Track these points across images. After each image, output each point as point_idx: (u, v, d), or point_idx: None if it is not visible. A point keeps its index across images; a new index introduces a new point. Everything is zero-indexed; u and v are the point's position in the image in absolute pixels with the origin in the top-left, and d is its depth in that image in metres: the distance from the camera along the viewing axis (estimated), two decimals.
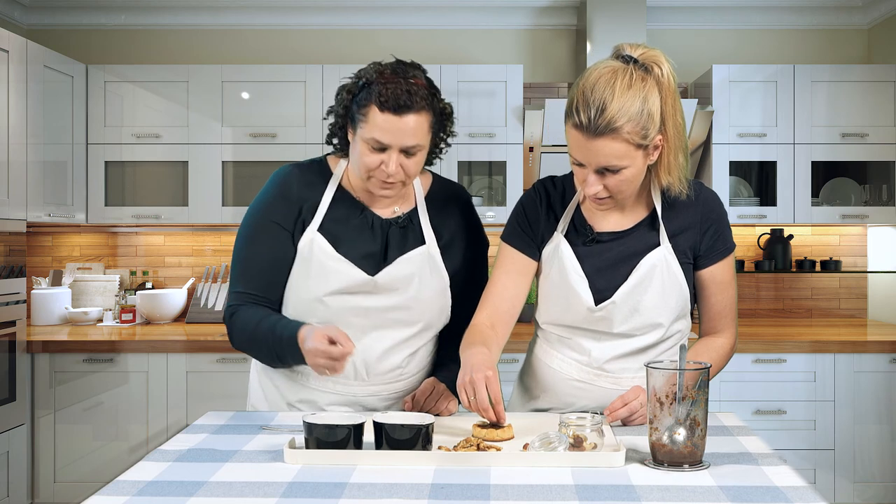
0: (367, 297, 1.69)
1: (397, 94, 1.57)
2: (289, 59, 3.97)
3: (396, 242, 1.72)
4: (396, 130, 1.58)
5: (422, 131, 1.61)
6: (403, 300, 1.70)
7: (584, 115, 1.46)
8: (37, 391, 3.27)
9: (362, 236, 1.71)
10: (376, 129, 1.58)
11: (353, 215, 1.72)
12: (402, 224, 1.74)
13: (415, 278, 1.70)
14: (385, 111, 1.57)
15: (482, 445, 1.38)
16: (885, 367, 3.25)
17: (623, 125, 1.45)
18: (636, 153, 1.49)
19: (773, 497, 1.14)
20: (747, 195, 3.76)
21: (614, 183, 1.51)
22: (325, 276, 1.67)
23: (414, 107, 1.58)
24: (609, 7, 3.59)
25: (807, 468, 3.24)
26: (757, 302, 4.00)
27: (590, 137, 1.47)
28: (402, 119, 1.57)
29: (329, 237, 1.69)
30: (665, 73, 1.49)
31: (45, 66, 3.36)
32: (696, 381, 1.27)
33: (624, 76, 1.47)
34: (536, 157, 3.60)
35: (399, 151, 1.60)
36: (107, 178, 3.67)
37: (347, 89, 1.66)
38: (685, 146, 1.55)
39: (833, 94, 3.56)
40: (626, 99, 1.45)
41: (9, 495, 3.09)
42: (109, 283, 3.88)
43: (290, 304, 1.72)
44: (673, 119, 1.50)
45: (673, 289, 1.62)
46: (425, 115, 1.61)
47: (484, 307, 1.69)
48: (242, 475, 1.26)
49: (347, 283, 1.67)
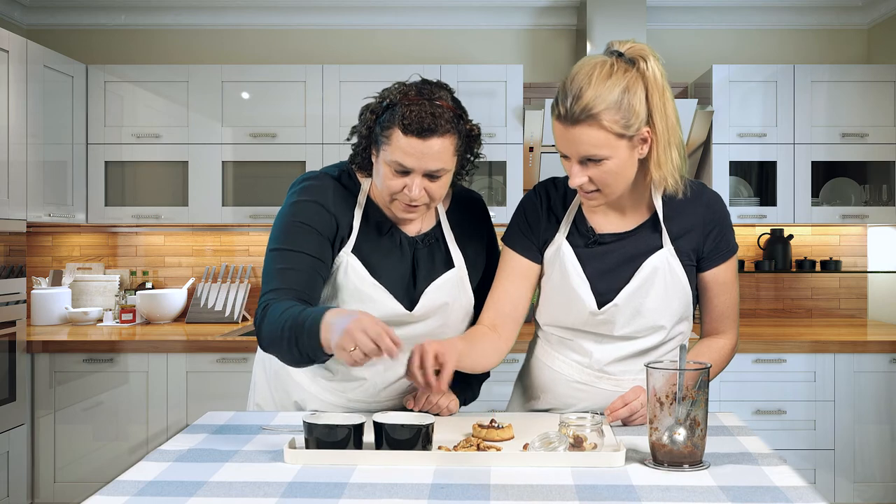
0: (402, 327, 1.66)
1: (421, 116, 1.51)
2: (289, 59, 3.97)
3: (424, 264, 1.69)
4: (420, 154, 1.52)
5: (447, 155, 1.55)
6: (434, 328, 1.70)
7: (563, 105, 1.48)
8: (37, 391, 3.27)
9: (391, 258, 1.67)
10: (399, 152, 1.53)
11: (382, 233, 1.68)
12: (427, 243, 1.71)
13: (447, 308, 1.70)
14: (409, 135, 1.51)
15: (482, 445, 1.38)
16: (885, 367, 3.25)
17: (600, 112, 1.45)
18: (618, 143, 1.48)
19: (773, 497, 1.14)
20: (747, 195, 3.76)
21: (598, 174, 1.51)
22: (361, 304, 1.63)
23: (438, 130, 1.52)
24: (609, 7, 3.59)
25: (807, 468, 3.24)
26: (757, 302, 4.00)
27: (568, 126, 1.48)
28: (426, 143, 1.52)
29: (363, 260, 1.64)
30: (650, 67, 1.49)
31: (45, 66, 3.36)
32: (696, 381, 1.26)
33: (604, 67, 1.48)
34: (536, 157, 3.60)
35: (423, 175, 1.55)
36: (107, 178, 3.67)
37: (371, 109, 1.61)
38: (680, 143, 1.54)
39: (833, 94, 3.56)
40: (604, 87, 1.45)
41: (9, 495, 3.09)
42: (109, 283, 3.88)
43: None
44: (661, 113, 1.50)
45: (675, 291, 1.62)
46: (450, 138, 1.55)
47: (487, 310, 1.69)
48: (242, 475, 1.26)
49: (383, 314, 1.63)
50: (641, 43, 1.52)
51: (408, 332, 1.67)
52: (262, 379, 1.85)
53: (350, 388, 1.74)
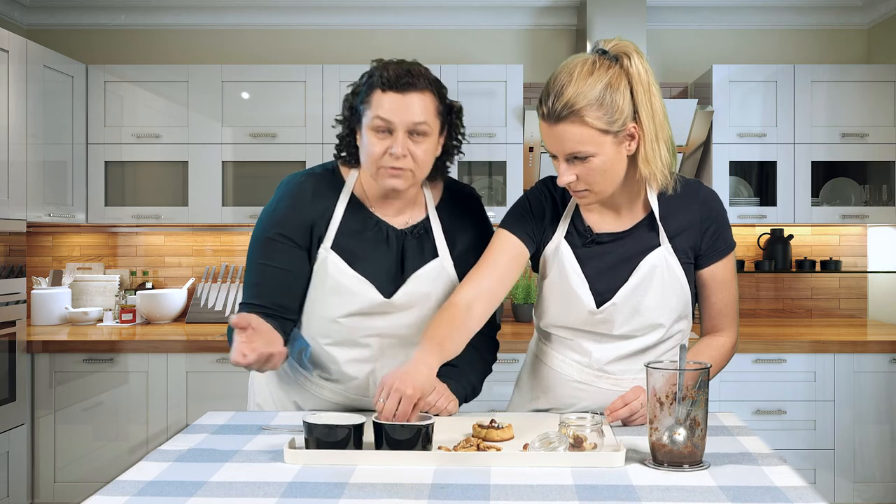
0: (383, 317, 1.67)
1: (399, 74, 1.57)
2: (289, 59, 3.97)
3: (413, 254, 1.70)
4: (400, 108, 1.56)
5: (428, 111, 1.59)
6: (417, 318, 1.69)
7: (546, 104, 1.49)
8: (37, 391, 3.27)
9: (377, 251, 1.68)
10: (381, 108, 1.57)
11: (367, 227, 1.69)
12: (417, 234, 1.71)
13: (431, 297, 1.69)
14: (388, 90, 1.57)
15: (482, 445, 1.38)
16: (885, 367, 3.25)
17: (582, 108, 1.45)
18: (602, 139, 1.48)
19: (773, 497, 1.14)
20: (747, 195, 3.76)
21: (586, 172, 1.51)
22: (340, 297, 1.65)
23: (417, 85, 1.57)
24: (609, 7, 3.59)
25: (807, 468, 3.24)
26: (757, 302, 4.00)
27: (552, 124, 1.49)
28: (406, 97, 1.57)
29: (344, 254, 1.66)
30: (634, 63, 1.49)
31: (45, 66, 3.36)
32: (696, 381, 1.26)
33: (585, 65, 1.48)
34: (536, 157, 3.60)
35: (405, 133, 1.58)
36: (107, 178, 3.67)
37: (352, 91, 1.66)
38: (668, 139, 1.54)
39: (833, 94, 3.56)
40: (586, 84, 1.46)
41: (9, 495, 3.09)
42: (109, 283, 3.88)
43: (308, 322, 1.72)
44: (647, 108, 1.50)
45: (673, 289, 1.62)
46: (430, 96, 1.60)
47: (467, 284, 1.62)
48: (242, 475, 1.26)
49: (362, 306, 1.65)
50: (626, 40, 1.52)
51: (389, 323, 1.68)
52: (262, 379, 1.86)
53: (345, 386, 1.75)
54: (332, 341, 1.69)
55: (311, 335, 1.71)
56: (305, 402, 1.79)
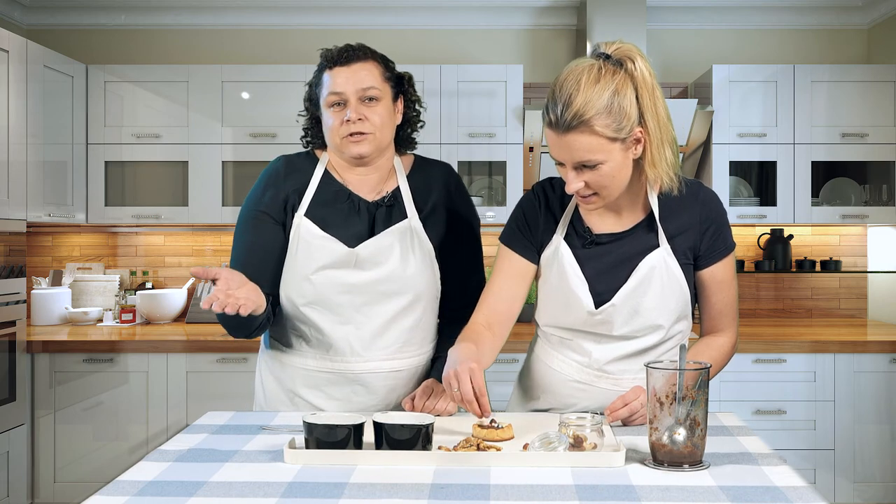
0: (352, 272, 1.73)
1: (342, 50, 1.73)
2: (289, 59, 3.97)
3: (382, 220, 1.77)
4: (347, 78, 1.70)
5: (374, 77, 1.72)
6: (387, 272, 1.74)
7: (553, 113, 1.49)
8: (37, 391, 3.27)
9: (349, 220, 1.76)
10: (331, 84, 1.71)
11: (340, 199, 1.77)
12: (387, 203, 1.79)
13: (395, 249, 1.74)
14: (333, 66, 1.72)
15: (482, 445, 1.38)
16: (885, 367, 3.26)
17: (591, 118, 1.45)
18: (611, 146, 1.48)
19: (773, 497, 1.14)
20: (747, 195, 3.76)
21: (594, 178, 1.51)
22: (309, 254, 1.73)
23: (359, 57, 1.72)
24: (609, 7, 3.59)
25: (807, 468, 3.24)
26: (757, 302, 4.00)
27: (560, 133, 1.49)
28: (350, 67, 1.71)
29: (316, 220, 1.74)
30: (638, 67, 1.49)
31: (45, 66, 3.36)
32: (696, 381, 1.27)
33: (591, 71, 1.48)
34: (536, 157, 3.60)
35: (357, 100, 1.70)
36: (107, 178, 3.67)
37: (308, 83, 1.81)
38: (673, 140, 1.54)
39: (833, 94, 3.56)
40: (593, 92, 1.45)
41: (9, 495, 3.09)
42: (109, 283, 3.88)
43: (284, 285, 1.77)
44: (652, 112, 1.50)
45: (673, 290, 1.62)
46: (374, 63, 1.73)
47: (481, 308, 1.70)
48: (242, 475, 1.26)
49: (330, 258, 1.72)
50: (628, 43, 1.52)
51: (359, 278, 1.73)
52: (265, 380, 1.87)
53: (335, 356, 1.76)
54: (306, 301, 1.74)
55: (287, 297, 1.76)
56: (295, 383, 1.79)
